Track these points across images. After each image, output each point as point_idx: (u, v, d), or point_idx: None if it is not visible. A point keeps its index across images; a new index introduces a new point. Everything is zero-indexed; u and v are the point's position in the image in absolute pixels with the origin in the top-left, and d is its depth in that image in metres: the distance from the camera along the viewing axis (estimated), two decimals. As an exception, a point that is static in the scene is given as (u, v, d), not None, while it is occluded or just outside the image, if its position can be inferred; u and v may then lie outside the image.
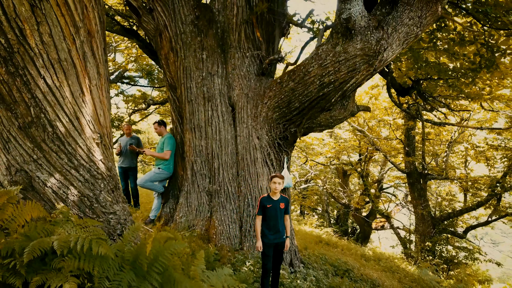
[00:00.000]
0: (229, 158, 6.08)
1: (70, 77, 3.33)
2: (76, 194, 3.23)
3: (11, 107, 3.11)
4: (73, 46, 3.35)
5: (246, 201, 5.92)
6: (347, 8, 4.92)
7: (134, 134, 8.39)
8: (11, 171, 3.10)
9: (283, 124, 5.87)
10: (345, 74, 5.10)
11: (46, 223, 2.93)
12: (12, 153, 3.13)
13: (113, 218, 3.42)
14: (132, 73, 21.92)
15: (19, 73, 3.09)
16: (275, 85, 5.88)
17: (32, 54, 3.11)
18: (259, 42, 6.47)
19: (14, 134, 3.12)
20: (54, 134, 3.21)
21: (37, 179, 3.12)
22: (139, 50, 17.48)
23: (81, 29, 3.41)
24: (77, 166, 3.30)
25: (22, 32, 3.07)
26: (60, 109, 3.26)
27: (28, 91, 3.12)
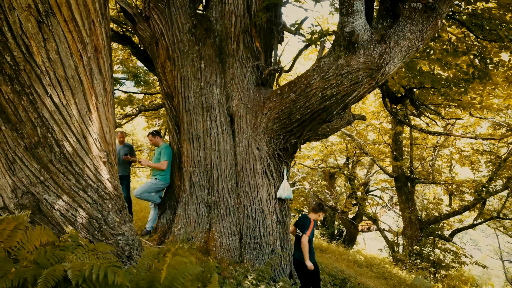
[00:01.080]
0: (228, 169, 6.03)
1: (77, 94, 3.23)
2: (85, 216, 3.14)
3: (17, 127, 3.00)
4: (80, 63, 3.25)
5: (246, 212, 5.87)
6: (350, 21, 4.92)
7: (127, 142, 8.25)
8: (17, 193, 2.99)
9: (284, 135, 5.85)
10: (348, 87, 5.10)
11: (55, 248, 2.83)
12: (18, 175, 3.01)
13: (122, 239, 3.33)
14: (118, 75, 21.65)
15: (25, 91, 2.99)
16: (275, 96, 5.85)
17: (38, 71, 3.01)
18: (258, 52, 6.43)
19: (20, 155, 3.01)
20: (62, 154, 3.11)
21: (45, 201, 3.01)
22: (125, 53, 17.26)
23: (88, 45, 3.31)
24: (85, 187, 3.20)
25: (28, 49, 2.97)
26: (67, 128, 3.16)
27: (35, 110, 3.02)
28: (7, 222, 2.47)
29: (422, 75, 7.62)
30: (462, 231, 16.49)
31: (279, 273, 5.78)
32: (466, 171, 18.94)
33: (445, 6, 5.29)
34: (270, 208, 5.94)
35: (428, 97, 8.94)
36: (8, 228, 2.51)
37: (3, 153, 3.01)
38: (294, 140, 5.85)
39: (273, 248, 5.86)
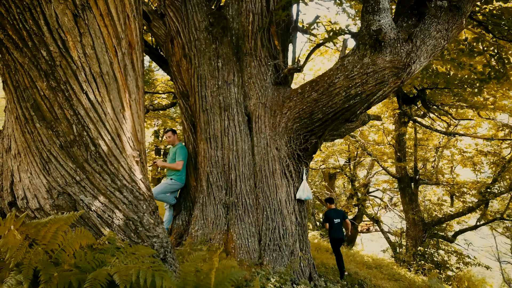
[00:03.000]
0: (246, 169, 5.92)
1: (112, 91, 3.12)
2: (121, 217, 3.02)
3: (52, 125, 2.87)
4: (115, 59, 3.14)
5: (265, 214, 5.76)
6: (376, 19, 4.84)
7: None
8: (53, 194, 2.86)
9: (304, 135, 5.75)
10: (373, 87, 5.02)
11: (95, 251, 2.71)
12: (53, 175, 2.89)
13: (157, 241, 3.22)
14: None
15: (61, 88, 2.87)
16: (295, 95, 5.75)
17: (74, 67, 2.89)
18: (276, 51, 6.33)
19: (55, 154, 2.89)
20: (97, 153, 3.00)
21: (81, 202, 2.89)
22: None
23: (123, 40, 3.20)
24: (120, 187, 3.09)
25: (64, 44, 2.85)
26: (102, 126, 3.04)
27: (70, 107, 2.90)
28: (50, 224, 2.35)
29: (437, 75, 7.56)
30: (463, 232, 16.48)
31: (299, 275, 5.69)
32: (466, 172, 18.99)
33: (469, 5, 5.24)
34: (289, 209, 5.85)
35: (439, 98, 8.90)
36: (51, 230, 2.39)
37: (38, 152, 2.89)
38: (315, 140, 5.76)
39: (292, 250, 5.76)
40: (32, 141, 2.89)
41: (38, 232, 2.31)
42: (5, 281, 2.23)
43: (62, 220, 2.37)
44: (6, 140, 3.08)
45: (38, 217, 2.82)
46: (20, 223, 2.22)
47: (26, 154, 2.93)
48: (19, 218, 2.21)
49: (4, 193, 2.95)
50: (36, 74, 2.81)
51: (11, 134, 3.03)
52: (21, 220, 2.21)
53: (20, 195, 2.88)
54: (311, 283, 5.70)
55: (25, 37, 2.76)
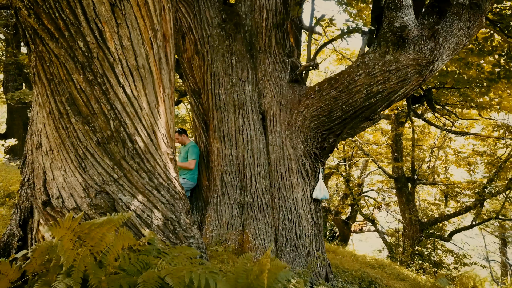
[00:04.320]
0: (261, 169, 5.81)
1: (147, 85, 2.99)
2: (160, 217, 2.89)
3: (89, 120, 2.73)
4: (150, 51, 3.01)
5: (281, 213, 5.66)
6: (399, 16, 4.78)
7: None
8: (90, 192, 2.72)
9: (322, 134, 5.66)
10: (395, 84, 4.96)
11: (138, 253, 2.58)
12: (90, 172, 2.75)
13: (194, 242, 3.09)
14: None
15: (98, 81, 2.73)
16: (313, 93, 5.66)
17: (111, 59, 2.76)
18: (290, 48, 6.24)
19: (92, 151, 2.75)
20: (134, 150, 2.86)
21: (120, 201, 2.75)
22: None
23: (158, 32, 3.07)
24: (157, 186, 2.95)
25: (102, 35, 2.71)
26: (139, 122, 2.91)
27: (107, 102, 2.76)
28: (99, 225, 2.21)
29: (446, 74, 7.56)
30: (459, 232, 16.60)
31: (316, 276, 5.59)
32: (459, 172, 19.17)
33: (488, 3, 5.21)
34: (305, 209, 5.75)
35: (445, 97, 8.91)
36: (101, 231, 2.25)
37: (73, 149, 2.74)
38: (333, 138, 5.67)
39: (309, 251, 5.67)
40: (66, 137, 2.74)
41: (88, 234, 2.17)
42: (53, 286, 2.09)
43: (113, 221, 2.23)
44: (36, 136, 2.92)
45: (75, 217, 2.67)
46: (76, 224, 2.08)
47: (59, 150, 2.78)
48: (75, 219, 2.07)
49: (37, 192, 2.79)
50: (72, 66, 2.67)
51: (42, 130, 2.87)
52: (77, 221, 2.07)
53: (55, 194, 2.73)
54: (328, 283, 5.61)
55: (61, 27, 2.62)
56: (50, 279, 2.19)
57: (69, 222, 2.04)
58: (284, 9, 6.21)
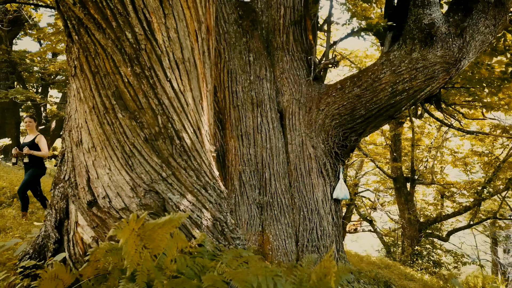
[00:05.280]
0: (281, 168, 5.69)
1: (192, 80, 2.85)
2: (209, 218, 2.75)
3: (136, 115, 2.59)
4: (196, 44, 2.87)
5: (302, 214, 5.55)
6: (427, 13, 4.72)
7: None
8: (138, 192, 2.57)
9: (343, 132, 5.57)
10: (422, 82, 4.89)
11: (193, 256, 2.44)
12: (137, 170, 2.60)
13: (240, 243, 2.96)
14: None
15: (145, 74, 2.59)
16: (334, 90, 5.57)
17: (159, 52, 2.62)
18: (308, 45, 6.13)
19: (139, 148, 2.60)
20: (182, 147, 2.72)
21: (170, 201, 2.60)
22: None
23: (202, 24, 2.94)
24: (205, 185, 2.82)
25: (150, 26, 2.57)
26: (185, 118, 2.77)
27: (155, 96, 2.62)
28: (161, 225, 2.07)
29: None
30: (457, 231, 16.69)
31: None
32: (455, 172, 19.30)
33: (510, 2, 5.18)
34: (326, 209, 5.65)
35: (453, 97, 8.89)
36: (162, 232, 2.11)
37: (119, 146, 2.59)
38: (355, 137, 5.58)
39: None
40: (112, 133, 2.59)
41: (150, 236, 2.03)
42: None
43: (174, 221, 2.09)
44: (75, 132, 2.76)
45: (124, 218, 2.52)
46: (140, 225, 1.93)
47: (103, 147, 2.63)
48: (139, 219, 1.92)
49: (81, 192, 2.63)
50: (119, 58, 2.52)
51: (83, 126, 2.71)
52: (140, 222, 1.93)
53: (101, 194, 2.58)
54: (349, 284, 5.52)
55: (108, 17, 2.47)
56: (111, 284, 2.04)
57: (134, 223, 1.90)
58: (301, 6, 6.11)
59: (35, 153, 6.00)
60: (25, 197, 5.97)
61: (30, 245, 3.03)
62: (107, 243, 2.08)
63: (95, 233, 2.58)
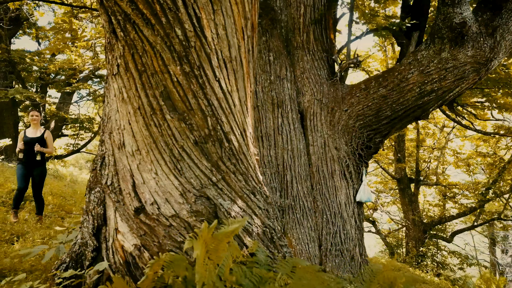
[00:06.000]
0: (302, 170, 5.56)
1: (239, 80, 2.72)
2: (260, 224, 2.62)
3: (185, 117, 2.45)
4: (242, 42, 2.74)
5: (324, 217, 5.42)
6: (458, 12, 4.61)
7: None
8: (188, 198, 2.43)
9: (368, 134, 5.45)
10: (451, 83, 4.79)
11: (250, 266, 2.31)
12: (186, 175, 2.46)
13: (287, 252, 2.82)
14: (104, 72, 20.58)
15: (195, 73, 2.45)
16: (358, 91, 5.45)
17: (208, 50, 2.48)
18: (329, 44, 6.01)
19: (189, 151, 2.46)
20: (230, 150, 2.59)
21: (221, 207, 2.46)
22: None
23: (248, 21, 2.80)
24: (253, 189, 2.68)
25: (199, 22, 2.44)
26: (233, 119, 2.64)
27: (204, 97, 2.49)
28: (227, 235, 1.93)
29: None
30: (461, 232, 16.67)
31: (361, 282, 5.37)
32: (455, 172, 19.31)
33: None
34: (349, 212, 5.53)
35: (466, 98, 8.82)
36: (224, 241, 1.97)
37: (167, 149, 2.45)
38: (379, 138, 5.47)
39: (353, 255, 5.45)
40: (160, 136, 2.45)
41: (216, 246, 1.89)
42: (184, 307, 1.81)
43: (237, 229, 1.96)
44: (116, 134, 2.61)
45: (174, 225, 2.38)
46: (210, 234, 1.79)
47: (148, 150, 2.48)
48: (209, 227, 1.78)
49: (126, 198, 2.48)
50: (168, 56, 2.39)
51: (125, 128, 2.57)
52: (211, 230, 1.79)
53: (148, 200, 2.43)
54: (373, 289, 5.40)
55: (158, 12, 2.33)
56: (175, 299, 1.90)
57: (206, 231, 1.76)
58: (321, 4, 5.98)
59: (45, 150, 5.82)
60: (41, 199, 5.79)
61: (66, 253, 2.88)
62: (169, 254, 1.94)
63: (141, 242, 2.44)
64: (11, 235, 4.52)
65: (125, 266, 2.56)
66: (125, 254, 2.59)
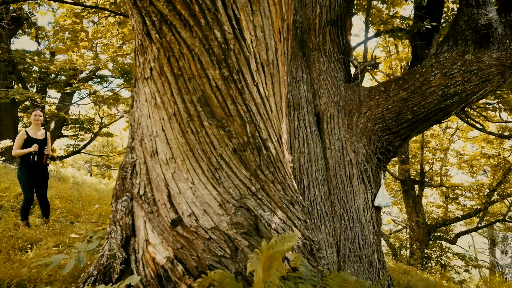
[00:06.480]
0: (319, 174, 5.44)
1: (275, 84, 2.60)
2: (300, 236, 2.50)
3: (224, 123, 2.32)
4: (279, 45, 2.62)
5: (342, 222, 5.30)
6: (483, 13, 4.51)
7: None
8: (228, 208, 2.30)
9: (387, 137, 5.34)
10: (475, 86, 4.68)
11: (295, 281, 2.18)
12: (224, 184, 2.33)
13: (325, 264, 2.70)
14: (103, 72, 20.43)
15: (234, 78, 2.32)
16: (377, 93, 5.33)
17: (247, 53, 2.36)
18: (345, 46, 5.90)
19: (227, 159, 2.34)
20: (268, 158, 2.46)
21: (262, 218, 2.34)
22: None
23: (285, 22, 2.67)
24: (291, 199, 2.56)
25: (239, 23, 2.31)
26: (270, 125, 2.52)
27: (243, 102, 2.36)
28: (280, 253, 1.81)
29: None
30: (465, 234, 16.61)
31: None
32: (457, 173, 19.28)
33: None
34: (367, 218, 5.42)
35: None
36: (279, 259, 1.85)
37: (205, 157, 2.32)
38: (399, 142, 5.36)
39: (371, 261, 5.33)
40: (197, 143, 2.32)
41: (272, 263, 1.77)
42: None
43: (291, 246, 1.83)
44: (148, 141, 2.48)
45: (214, 238, 2.25)
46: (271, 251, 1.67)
47: (184, 159, 2.35)
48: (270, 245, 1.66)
49: (162, 209, 2.35)
50: (207, 59, 2.26)
51: (158, 134, 2.44)
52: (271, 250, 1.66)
53: (185, 211, 2.30)
54: (393, 296, 5.30)
55: (196, 13, 2.20)
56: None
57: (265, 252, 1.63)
58: (338, 5, 5.87)
59: (51, 153, 5.68)
60: (47, 202, 5.65)
61: (93, 265, 2.74)
62: (218, 272, 1.82)
63: (176, 254, 2.31)
64: (25, 242, 4.38)
65: (156, 279, 2.44)
66: (156, 267, 2.47)
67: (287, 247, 1.76)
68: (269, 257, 1.72)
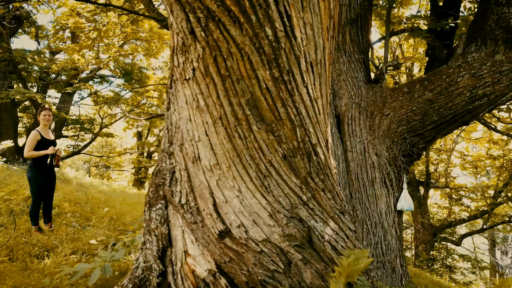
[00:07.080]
0: (341, 177, 5.29)
1: (322, 85, 2.44)
2: (352, 248, 2.34)
3: (273, 128, 2.17)
4: (327, 43, 2.46)
5: (365, 227, 5.15)
6: (514, 12, 4.37)
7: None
8: (278, 219, 2.14)
9: (411, 139, 5.20)
10: (505, 87, 4.54)
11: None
12: (274, 193, 2.18)
13: (374, 277, 2.55)
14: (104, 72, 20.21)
15: (284, 79, 2.17)
16: (401, 94, 5.19)
17: (297, 52, 2.21)
18: (365, 45, 5.75)
19: (277, 166, 2.18)
20: (318, 164, 2.31)
21: (315, 230, 2.18)
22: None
23: (332, 19, 2.52)
24: (341, 209, 2.40)
25: (290, 21, 2.16)
26: (319, 129, 2.36)
27: (293, 105, 2.20)
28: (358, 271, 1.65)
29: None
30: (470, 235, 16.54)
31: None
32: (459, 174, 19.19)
33: None
34: (389, 222, 5.27)
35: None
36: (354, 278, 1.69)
37: (253, 163, 2.17)
38: (423, 144, 5.21)
39: (394, 267, 5.19)
40: (245, 149, 2.16)
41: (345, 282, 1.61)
42: None
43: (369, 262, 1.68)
44: (190, 146, 2.32)
45: (265, 251, 2.09)
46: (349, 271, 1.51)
47: (230, 165, 2.20)
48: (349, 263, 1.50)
49: (207, 219, 2.19)
50: (257, 59, 2.10)
51: (201, 139, 2.27)
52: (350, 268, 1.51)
53: (234, 222, 2.14)
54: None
55: (247, 9, 2.04)
56: None
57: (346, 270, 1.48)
58: (357, 4, 5.72)
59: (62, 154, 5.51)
60: (51, 205, 5.49)
61: (127, 278, 2.58)
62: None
63: (226, 269, 2.15)
64: (41, 249, 4.20)
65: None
66: (196, 280, 2.31)
67: (364, 264, 1.60)
68: (347, 276, 1.57)
